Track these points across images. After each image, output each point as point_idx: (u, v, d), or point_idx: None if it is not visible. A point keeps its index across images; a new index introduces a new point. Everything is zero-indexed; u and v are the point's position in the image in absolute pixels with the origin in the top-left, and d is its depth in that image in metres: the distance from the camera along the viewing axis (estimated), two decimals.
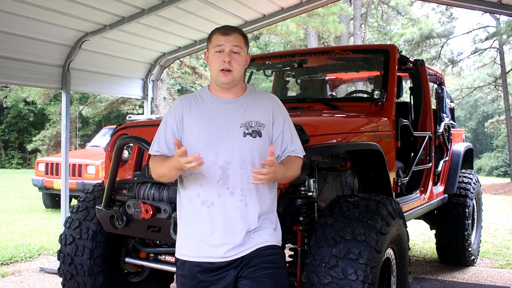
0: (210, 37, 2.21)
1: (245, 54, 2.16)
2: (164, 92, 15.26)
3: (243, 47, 2.14)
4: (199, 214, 2.07)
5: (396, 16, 27.71)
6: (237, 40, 2.13)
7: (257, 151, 2.08)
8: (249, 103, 2.15)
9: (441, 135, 4.89)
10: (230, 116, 2.10)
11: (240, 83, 2.19)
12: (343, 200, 2.78)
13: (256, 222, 2.07)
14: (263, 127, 2.11)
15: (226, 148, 2.05)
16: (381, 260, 2.56)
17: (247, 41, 2.19)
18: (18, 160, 26.56)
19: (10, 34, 4.80)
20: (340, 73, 5.47)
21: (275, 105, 2.20)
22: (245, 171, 2.05)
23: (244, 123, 2.09)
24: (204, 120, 2.10)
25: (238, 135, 2.07)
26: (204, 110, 2.12)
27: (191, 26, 5.95)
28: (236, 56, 2.11)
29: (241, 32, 2.18)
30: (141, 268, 3.53)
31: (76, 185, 8.70)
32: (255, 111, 2.13)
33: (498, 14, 16.75)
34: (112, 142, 3.23)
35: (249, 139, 2.07)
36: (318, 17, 15.59)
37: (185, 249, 2.11)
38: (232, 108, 2.13)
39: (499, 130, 33.05)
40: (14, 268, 5.40)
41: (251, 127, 2.08)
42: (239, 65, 2.12)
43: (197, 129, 2.09)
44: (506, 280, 5.03)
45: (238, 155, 2.05)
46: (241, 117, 2.10)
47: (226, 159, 2.04)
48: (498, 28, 20.69)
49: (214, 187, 2.04)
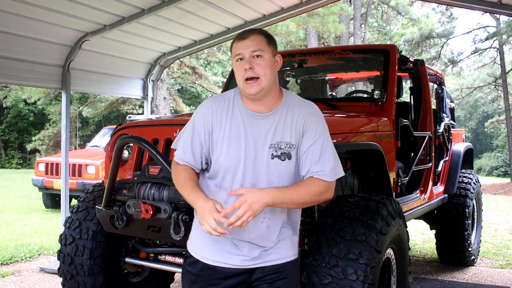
0: (231, 47, 1.96)
1: (270, 56, 1.91)
2: (164, 92, 15.27)
3: (265, 48, 1.89)
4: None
5: (396, 16, 27.72)
6: (256, 42, 1.88)
7: (286, 174, 1.92)
8: (281, 119, 1.93)
9: (441, 135, 4.89)
10: (260, 135, 1.91)
11: (273, 91, 1.94)
12: (343, 200, 2.78)
13: (274, 241, 1.98)
14: (293, 148, 1.91)
15: (254, 170, 1.91)
16: (381, 260, 2.56)
17: (271, 41, 1.93)
18: (18, 160, 26.56)
19: (10, 34, 4.80)
20: (340, 73, 5.47)
21: (308, 119, 1.94)
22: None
23: (273, 143, 1.90)
24: (233, 136, 1.91)
25: (266, 157, 1.90)
26: (234, 124, 1.92)
27: (191, 26, 5.95)
28: (258, 60, 1.87)
29: (262, 32, 1.94)
30: (141, 268, 3.53)
31: (76, 185, 8.70)
32: (286, 130, 1.91)
33: (498, 14, 16.75)
34: (112, 142, 3.23)
35: (277, 162, 1.90)
36: (318, 17, 15.59)
37: (200, 250, 2.03)
38: (264, 125, 1.92)
39: (499, 130, 33.06)
40: (14, 268, 5.40)
41: (280, 149, 1.90)
42: (264, 69, 1.87)
43: (226, 147, 1.92)
44: (506, 280, 5.03)
45: (264, 178, 1.90)
46: (272, 136, 1.91)
47: (252, 182, 1.90)
48: (498, 28, 20.69)
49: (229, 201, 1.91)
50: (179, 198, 2.66)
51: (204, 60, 22.42)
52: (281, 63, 1.99)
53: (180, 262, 3.06)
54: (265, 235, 1.96)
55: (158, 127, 3.07)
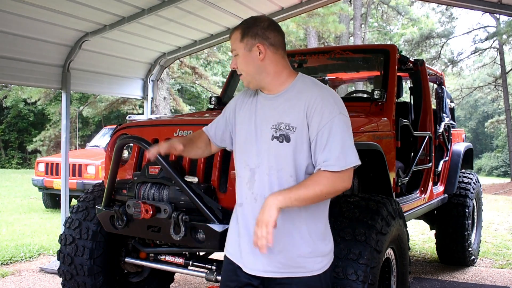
0: None
1: (243, 52, 1.89)
2: (164, 92, 15.27)
3: (237, 46, 1.90)
4: (235, 212, 2.02)
5: (396, 16, 27.73)
6: (232, 41, 1.93)
7: (283, 157, 1.83)
8: (287, 101, 1.87)
9: (441, 135, 4.89)
10: (265, 115, 1.90)
11: (270, 77, 1.90)
12: (343, 200, 2.78)
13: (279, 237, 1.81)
14: (293, 130, 1.82)
15: (258, 151, 1.89)
16: (381, 260, 2.56)
17: (245, 33, 1.88)
18: (18, 160, 26.56)
19: (10, 34, 4.80)
20: (340, 73, 5.47)
21: (315, 102, 1.81)
22: (271, 178, 1.85)
23: (274, 124, 1.86)
24: (246, 117, 1.97)
25: (267, 138, 1.86)
26: (251, 107, 1.98)
27: (191, 26, 5.95)
28: (236, 59, 1.94)
29: (239, 27, 1.92)
30: (141, 268, 3.53)
31: (76, 185, 8.69)
32: (290, 111, 1.84)
33: (498, 14, 16.75)
34: (112, 142, 3.23)
35: (275, 143, 1.84)
36: (318, 17, 15.60)
37: (228, 244, 2.06)
38: (271, 106, 1.91)
39: (499, 130, 33.06)
40: (14, 268, 5.40)
41: (279, 130, 1.84)
42: (245, 65, 1.91)
43: (239, 126, 2.01)
44: (506, 280, 5.03)
45: (266, 160, 1.86)
46: (274, 117, 1.87)
47: (256, 162, 1.89)
48: (498, 28, 20.70)
49: (243, 189, 1.94)
50: (179, 198, 2.66)
51: (204, 60, 22.43)
52: (264, 50, 1.87)
53: (180, 262, 3.06)
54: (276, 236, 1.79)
55: (158, 127, 3.07)
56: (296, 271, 1.87)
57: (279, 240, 1.83)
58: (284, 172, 1.84)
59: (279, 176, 1.84)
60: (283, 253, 1.86)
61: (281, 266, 1.87)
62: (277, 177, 1.84)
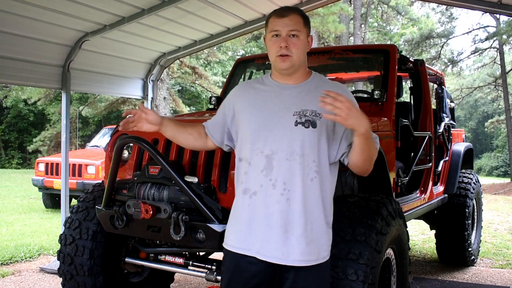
0: (267, 20, 2.03)
1: (304, 37, 1.99)
2: (164, 92, 15.28)
3: (301, 29, 1.98)
4: (240, 202, 1.98)
5: (396, 16, 27.75)
6: (295, 22, 1.96)
7: (308, 142, 1.90)
8: (309, 90, 1.98)
9: (441, 135, 4.89)
10: (284, 103, 1.95)
11: (303, 68, 2.04)
12: (343, 200, 2.78)
13: (299, 222, 1.88)
14: (319, 117, 1.91)
15: (275, 136, 1.91)
16: (381, 260, 2.56)
17: (307, 22, 2.01)
18: (18, 160, 26.56)
19: (10, 34, 4.80)
20: (340, 73, 5.46)
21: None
22: (292, 163, 1.89)
23: (298, 111, 1.92)
24: (257, 105, 1.98)
25: (289, 124, 1.91)
26: (260, 96, 2.01)
27: (191, 26, 5.95)
28: (294, 39, 1.95)
29: (300, 13, 2.02)
30: (141, 268, 3.53)
31: (76, 185, 8.69)
32: (314, 100, 1.90)
33: (498, 14, 16.75)
34: (112, 142, 3.23)
35: (300, 128, 1.90)
36: (318, 17, 15.59)
37: (229, 238, 2.02)
38: (290, 94, 1.98)
39: (499, 130, 33.07)
40: (14, 268, 5.40)
41: (305, 116, 1.91)
42: (298, 49, 1.96)
43: (248, 115, 1.99)
44: (506, 280, 5.03)
45: (286, 145, 1.90)
46: (296, 104, 1.94)
47: (273, 149, 1.91)
48: (498, 28, 20.69)
49: (257, 177, 1.92)
50: (179, 198, 2.66)
51: (204, 60, 22.42)
52: (311, 44, 2.08)
53: (180, 262, 3.06)
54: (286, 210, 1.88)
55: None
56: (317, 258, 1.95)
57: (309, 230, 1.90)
58: (307, 157, 1.90)
59: (302, 161, 1.90)
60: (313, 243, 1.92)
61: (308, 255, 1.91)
62: (299, 162, 1.89)
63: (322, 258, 1.96)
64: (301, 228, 1.89)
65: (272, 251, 1.89)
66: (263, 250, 1.90)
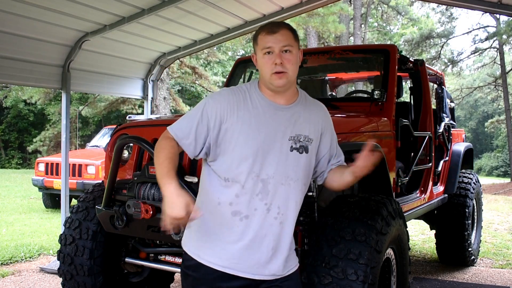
0: (256, 38, 1.96)
1: (297, 51, 1.94)
2: (164, 92, 15.27)
3: (293, 44, 1.92)
4: (226, 223, 1.90)
5: (396, 16, 27.75)
6: (286, 37, 1.90)
7: (302, 167, 1.95)
8: (300, 113, 1.98)
9: (441, 135, 4.89)
10: (280, 126, 1.92)
11: (294, 85, 2.01)
12: (343, 200, 2.78)
13: (286, 243, 1.95)
14: (311, 142, 1.97)
15: (271, 161, 1.89)
16: (381, 260, 2.56)
17: (296, 36, 1.96)
18: (18, 160, 26.56)
19: (10, 34, 4.80)
20: (340, 73, 5.47)
21: (325, 118, 2.08)
22: (286, 187, 1.91)
23: (293, 136, 1.93)
24: (252, 126, 1.88)
25: (285, 149, 1.91)
26: (253, 114, 1.90)
27: (191, 26, 5.95)
28: (288, 55, 1.90)
29: (289, 27, 1.96)
30: (141, 268, 3.52)
31: (76, 185, 8.69)
32: (305, 124, 1.97)
33: (498, 14, 16.75)
34: (112, 142, 3.23)
35: (295, 154, 1.92)
36: (318, 17, 15.59)
37: (203, 253, 1.96)
38: (284, 116, 1.94)
39: (499, 130, 33.07)
40: (14, 268, 5.40)
41: (299, 142, 1.93)
42: (293, 64, 1.91)
43: (245, 136, 1.87)
44: (506, 280, 5.03)
45: (282, 170, 1.90)
46: (292, 129, 1.93)
47: (269, 173, 1.88)
48: (498, 28, 20.70)
49: (252, 201, 1.88)
50: None
51: (204, 60, 22.42)
52: (302, 57, 2.02)
53: (180, 262, 3.06)
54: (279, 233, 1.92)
55: (158, 127, 3.06)
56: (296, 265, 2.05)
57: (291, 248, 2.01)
58: (299, 182, 1.96)
59: (296, 185, 1.94)
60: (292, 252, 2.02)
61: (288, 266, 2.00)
62: (293, 187, 1.93)
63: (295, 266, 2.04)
64: (287, 248, 1.97)
65: (258, 269, 1.92)
66: (250, 270, 1.91)
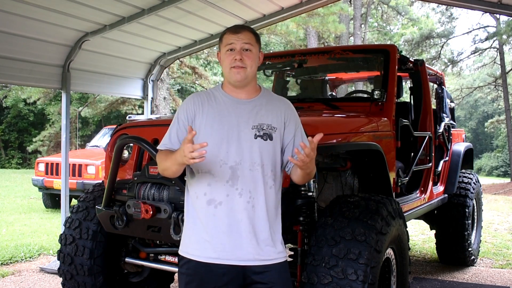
0: (221, 37, 2.18)
1: (257, 52, 2.16)
2: (164, 92, 15.27)
3: (254, 44, 2.14)
4: (204, 213, 2.06)
5: (396, 16, 27.73)
6: (248, 37, 2.13)
7: (266, 153, 2.09)
8: (262, 105, 2.16)
9: (441, 135, 4.89)
10: (242, 117, 2.10)
11: (253, 82, 2.19)
12: (343, 200, 2.79)
13: (264, 228, 2.07)
14: (274, 130, 2.12)
15: (237, 149, 2.06)
16: (381, 260, 2.56)
17: (258, 39, 2.19)
18: (18, 160, 26.55)
19: (10, 34, 4.80)
20: (340, 73, 5.47)
21: (288, 110, 2.22)
22: (254, 173, 2.06)
23: (256, 125, 2.10)
24: (216, 119, 2.09)
25: (249, 137, 2.08)
26: (216, 109, 2.11)
27: (191, 26, 5.95)
28: (247, 53, 2.11)
29: (252, 30, 2.19)
30: (141, 268, 3.53)
31: (76, 185, 8.69)
32: (268, 114, 2.14)
33: (498, 14, 16.75)
34: (112, 142, 3.23)
35: (259, 141, 2.08)
36: (318, 17, 15.59)
37: (191, 248, 2.09)
38: (245, 109, 2.13)
39: (499, 130, 33.07)
40: (14, 268, 5.40)
41: (262, 130, 2.10)
42: (252, 61, 2.12)
43: (209, 128, 2.08)
44: (506, 280, 5.03)
45: (248, 157, 2.06)
46: (254, 119, 2.11)
47: (236, 160, 2.05)
48: (498, 28, 20.70)
49: (223, 187, 2.04)
50: (179, 198, 2.66)
51: (204, 60, 22.42)
52: (262, 60, 2.23)
53: None
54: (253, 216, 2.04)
55: (158, 127, 3.07)
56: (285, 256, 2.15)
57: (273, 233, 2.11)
58: (266, 167, 2.10)
59: (262, 171, 2.08)
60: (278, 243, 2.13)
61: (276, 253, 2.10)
62: (260, 172, 2.08)
63: (284, 256, 2.13)
64: (266, 232, 2.07)
65: (245, 255, 2.03)
66: (235, 255, 2.03)
